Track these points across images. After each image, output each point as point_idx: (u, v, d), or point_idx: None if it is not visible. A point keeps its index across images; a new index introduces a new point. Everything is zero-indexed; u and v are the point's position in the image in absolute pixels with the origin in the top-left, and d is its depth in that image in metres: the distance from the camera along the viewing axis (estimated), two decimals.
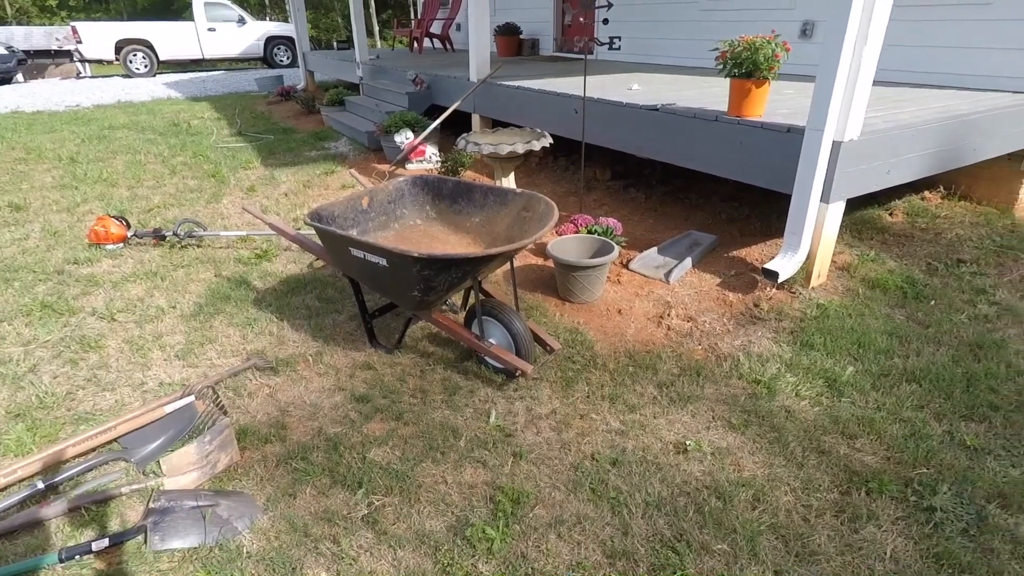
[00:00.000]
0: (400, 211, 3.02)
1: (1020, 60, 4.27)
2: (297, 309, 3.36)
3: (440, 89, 6.64)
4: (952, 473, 2.13)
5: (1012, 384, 2.57)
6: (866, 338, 2.87)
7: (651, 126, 3.96)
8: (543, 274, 3.63)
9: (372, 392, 2.65)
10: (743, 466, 2.21)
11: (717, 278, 3.52)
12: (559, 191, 5.16)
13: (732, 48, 3.29)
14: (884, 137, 3.20)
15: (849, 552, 1.87)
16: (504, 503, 2.04)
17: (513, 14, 9.17)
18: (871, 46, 2.82)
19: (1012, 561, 1.82)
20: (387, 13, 21.73)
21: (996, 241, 3.91)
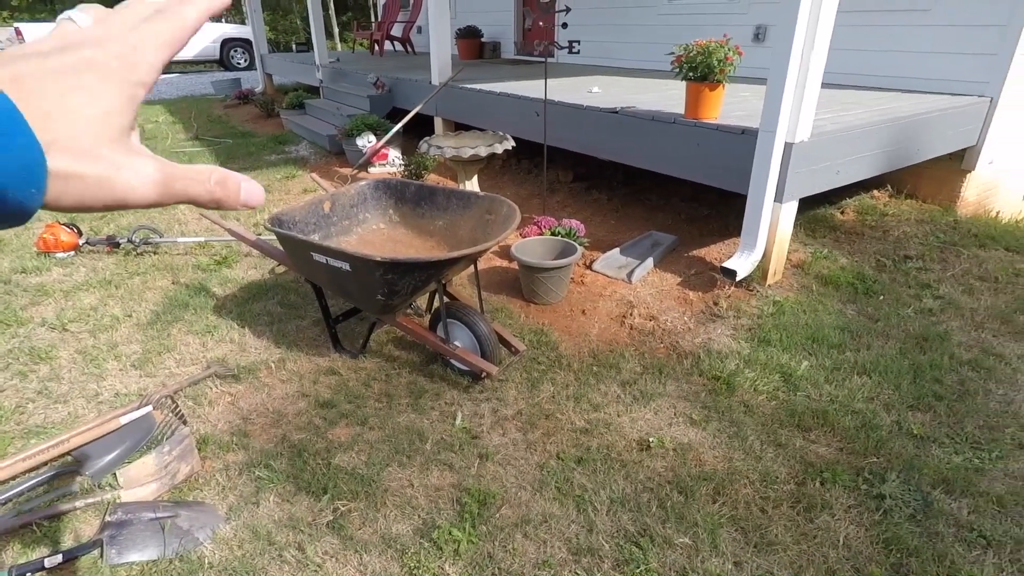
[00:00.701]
0: (363, 215, 3.00)
1: (958, 64, 4.49)
2: (259, 315, 3.30)
3: (402, 92, 6.60)
4: (900, 461, 2.23)
5: (955, 375, 2.70)
6: (820, 333, 2.98)
7: (611, 128, 4.02)
8: (508, 276, 3.66)
9: (337, 397, 2.62)
10: (704, 460, 2.27)
11: (678, 277, 3.60)
12: (522, 193, 5.19)
13: (687, 52, 3.37)
14: (833, 138, 3.33)
15: (805, 541, 1.94)
16: (470, 504, 2.05)
17: (474, 17, 9.18)
18: (818, 50, 2.93)
19: (956, 544, 1.92)
20: (347, 15, 21.48)
21: (940, 238, 4.10)
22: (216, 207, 0.36)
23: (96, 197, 0.31)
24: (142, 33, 0.33)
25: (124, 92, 0.31)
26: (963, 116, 4.26)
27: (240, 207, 0.36)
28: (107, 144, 0.31)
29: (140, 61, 0.32)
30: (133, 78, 0.32)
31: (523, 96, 4.79)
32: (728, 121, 3.48)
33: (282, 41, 21.59)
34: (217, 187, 0.35)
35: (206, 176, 0.35)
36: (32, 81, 0.29)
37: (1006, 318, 3.10)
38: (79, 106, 0.30)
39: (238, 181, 0.36)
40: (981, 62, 4.37)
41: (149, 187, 0.32)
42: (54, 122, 0.29)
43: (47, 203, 0.29)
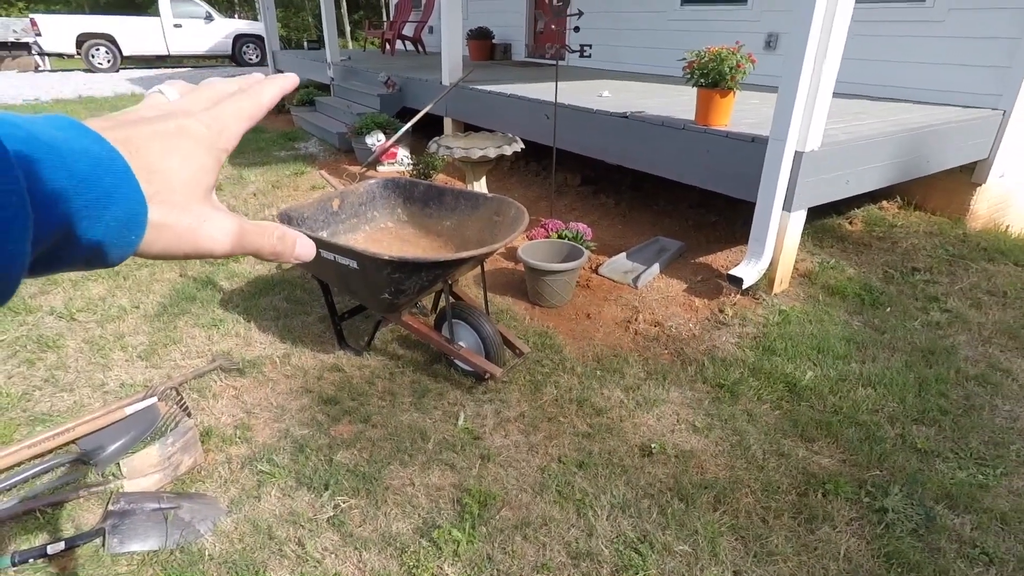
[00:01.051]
0: (371, 213, 3.01)
1: (970, 75, 4.47)
2: (265, 310, 3.32)
3: (412, 92, 6.62)
4: (903, 475, 2.22)
5: (960, 389, 2.69)
6: (825, 343, 2.97)
7: (620, 133, 4.02)
8: (514, 278, 3.66)
9: (340, 394, 2.63)
10: (706, 468, 2.26)
11: (684, 283, 3.59)
12: (530, 195, 5.20)
13: (699, 58, 3.37)
14: (844, 148, 3.32)
15: (805, 552, 1.94)
16: (471, 505, 2.05)
17: (486, 18, 9.20)
18: (831, 60, 2.92)
19: (958, 560, 1.90)
20: (359, 14, 21.56)
21: (948, 251, 4.07)
22: (275, 259, 0.41)
23: (181, 246, 0.34)
24: (227, 107, 0.38)
25: (212, 156, 0.36)
26: (975, 128, 4.23)
27: (294, 260, 0.42)
28: (196, 200, 0.35)
29: (225, 130, 0.37)
30: (220, 144, 0.37)
31: (533, 98, 4.80)
32: (738, 128, 3.48)
33: (294, 38, 21.69)
34: (279, 242, 0.40)
35: (271, 232, 0.40)
36: (139, 141, 0.33)
37: (1014, 333, 3.08)
38: (176, 165, 0.34)
39: (295, 238, 0.41)
40: (994, 74, 4.35)
41: (227, 239, 0.36)
42: (156, 176, 0.33)
43: (138, 250, 0.33)
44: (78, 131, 0.30)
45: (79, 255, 0.30)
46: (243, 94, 0.39)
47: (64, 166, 0.28)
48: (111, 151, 0.31)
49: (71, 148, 0.29)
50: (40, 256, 0.28)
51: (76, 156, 0.29)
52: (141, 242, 0.32)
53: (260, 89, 0.40)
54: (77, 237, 0.29)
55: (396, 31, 9.86)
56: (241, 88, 0.40)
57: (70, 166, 0.28)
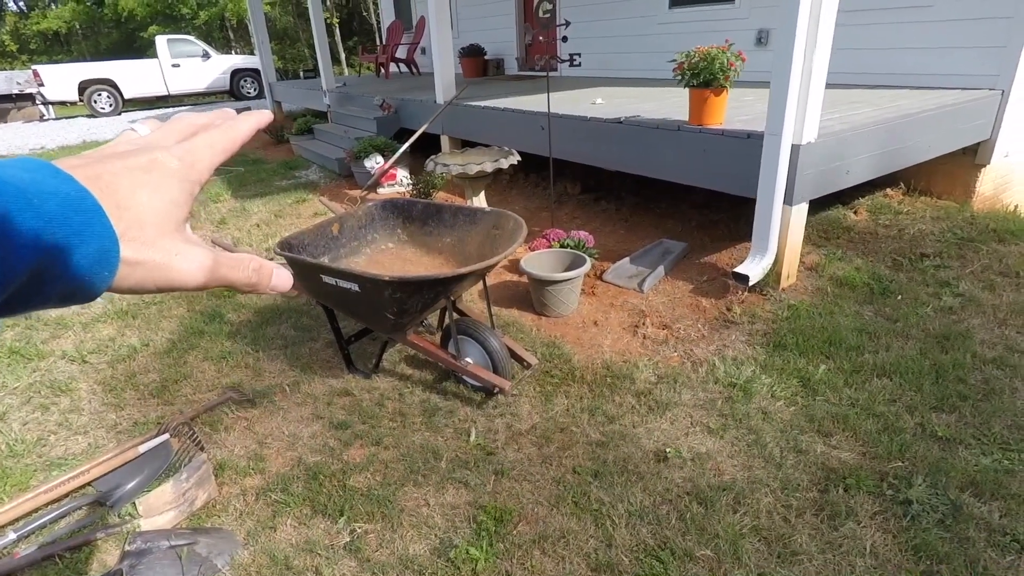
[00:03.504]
0: (371, 236, 3.03)
1: (966, 58, 4.44)
2: (272, 340, 3.33)
3: (408, 113, 6.68)
4: (926, 465, 2.17)
5: (979, 373, 2.64)
6: (837, 336, 2.93)
7: (616, 139, 4.03)
8: (518, 290, 3.65)
9: (351, 418, 2.62)
10: (723, 470, 2.23)
11: (690, 284, 3.57)
12: (531, 207, 5.21)
13: (689, 59, 3.37)
14: (841, 138, 3.30)
15: (830, 550, 1.89)
16: (487, 522, 2.03)
17: (477, 35, 9.30)
18: (820, 51, 2.92)
19: (988, 549, 1.85)
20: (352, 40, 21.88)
21: (957, 234, 4.02)
22: (251, 291, 0.41)
23: (153, 281, 0.34)
24: (200, 140, 0.38)
25: (184, 189, 0.36)
26: (975, 110, 4.20)
27: (270, 291, 0.42)
28: (168, 234, 0.35)
29: (197, 163, 0.37)
30: (192, 177, 0.37)
31: (527, 111, 4.83)
32: (733, 126, 3.47)
33: (290, 69, 22.05)
34: (254, 274, 0.40)
35: (246, 264, 0.39)
36: (109, 178, 0.33)
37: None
38: (146, 200, 0.34)
39: (271, 269, 0.41)
40: (990, 55, 4.32)
41: (199, 273, 0.36)
42: (126, 212, 0.33)
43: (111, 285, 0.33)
44: (47, 172, 0.30)
45: (52, 293, 0.30)
46: (216, 128, 0.40)
47: (32, 207, 0.28)
48: (80, 190, 0.31)
49: (40, 189, 0.29)
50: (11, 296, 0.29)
51: (45, 197, 0.29)
52: (114, 278, 0.32)
53: (233, 123, 0.41)
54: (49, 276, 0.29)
55: (389, 54, 9.99)
56: (213, 122, 0.40)
57: (38, 207, 0.28)
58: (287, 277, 0.42)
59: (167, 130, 0.39)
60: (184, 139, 0.38)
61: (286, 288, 0.43)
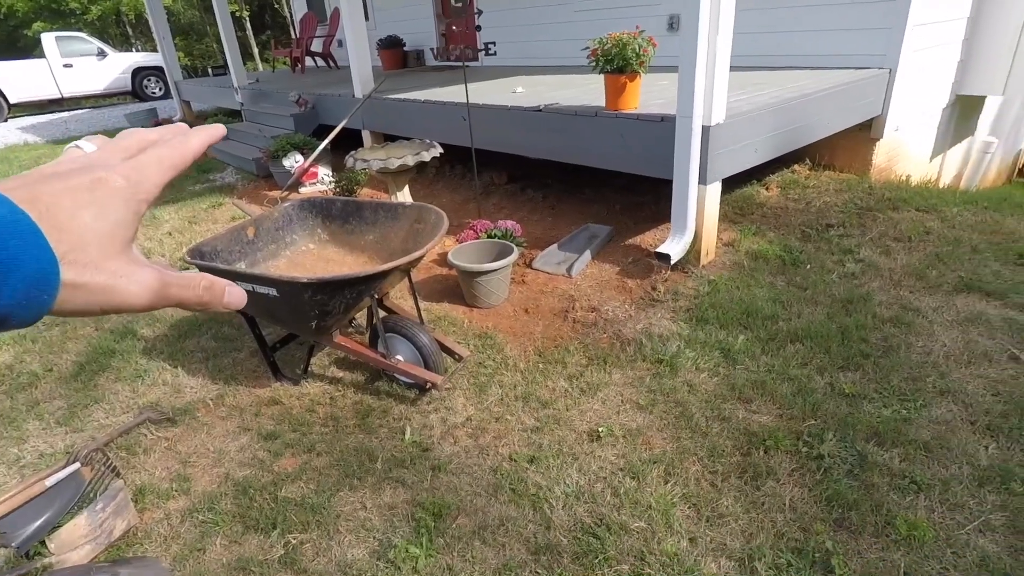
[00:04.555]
0: (290, 237, 2.92)
1: (859, 39, 4.73)
2: (192, 353, 3.17)
3: (326, 108, 6.47)
4: (835, 421, 2.33)
5: (878, 332, 2.85)
6: (753, 307, 3.08)
7: (537, 126, 4.06)
8: (448, 283, 3.63)
9: (280, 428, 2.54)
10: (653, 444, 2.31)
11: (616, 267, 3.66)
12: (457, 199, 5.18)
13: (602, 45, 3.43)
14: (748, 118, 3.46)
15: (754, 509, 2.00)
16: (426, 519, 2.02)
17: (395, 26, 9.10)
18: (723, 35, 3.03)
19: (890, 492, 2.01)
20: (266, 34, 20.93)
21: (857, 204, 4.31)
22: (202, 310, 0.40)
23: (98, 303, 0.34)
24: (147, 157, 0.37)
25: (130, 208, 0.35)
26: (866, 88, 4.49)
27: (223, 309, 0.41)
28: (112, 255, 0.34)
29: (144, 181, 0.36)
30: (139, 196, 0.35)
31: (448, 102, 4.78)
32: (649, 110, 3.56)
33: (199, 66, 20.86)
34: (205, 292, 0.39)
35: (196, 283, 0.39)
36: (48, 199, 0.32)
37: (920, 274, 3.29)
38: (89, 220, 0.33)
39: (223, 286, 0.40)
40: (878, 36, 4.62)
41: (145, 294, 0.35)
42: (66, 234, 0.32)
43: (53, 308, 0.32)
44: None
45: None
46: (165, 144, 0.38)
47: None
48: (15, 212, 0.30)
49: None
50: None
51: None
52: (55, 302, 0.32)
53: (184, 138, 0.39)
54: None
55: (304, 48, 9.62)
56: (163, 138, 0.39)
57: None
58: (241, 294, 0.41)
59: (113, 147, 0.38)
60: (132, 156, 0.37)
61: (240, 305, 0.42)
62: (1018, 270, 3.24)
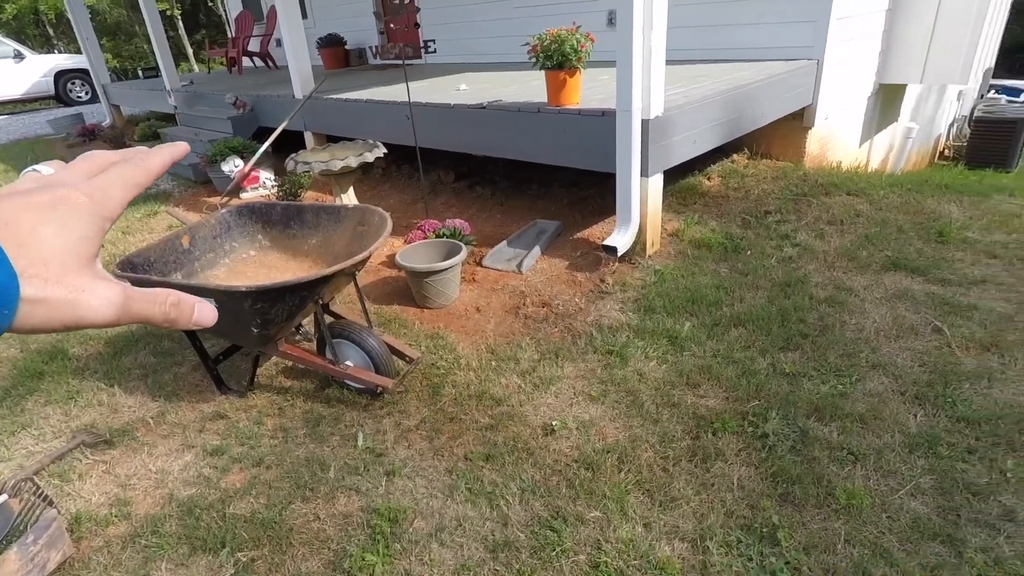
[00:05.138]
0: (229, 244, 2.82)
1: (788, 31, 4.90)
2: (130, 370, 3.02)
3: (266, 110, 6.28)
4: (777, 400, 2.42)
5: (815, 312, 2.97)
6: (698, 294, 3.17)
7: (481, 124, 4.05)
8: (398, 285, 3.59)
9: (227, 442, 2.45)
10: (607, 433, 2.34)
11: (565, 261, 3.69)
12: (405, 199, 5.12)
13: (541, 42, 3.45)
14: (685, 111, 3.54)
15: (704, 490, 2.06)
16: (381, 525, 1.99)
17: (336, 24, 8.90)
18: (657, 30, 3.10)
19: (830, 464, 2.11)
20: (200, 33, 20.12)
21: (793, 191, 4.48)
22: (169, 327, 0.39)
23: (59, 319, 0.33)
24: (110, 175, 0.37)
25: (93, 225, 0.35)
26: (797, 78, 4.67)
27: (193, 326, 0.40)
28: (74, 270, 0.34)
29: (107, 198, 0.36)
30: (104, 212, 0.35)
31: (391, 101, 4.71)
32: (590, 105, 3.60)
33: (129, 68, 19.88)
34: (172, 309, 0.38)
35: (162, 299, 0.38)
36: (8, 215, 0.32)
37: (852, 255, 3.46)
38: (50, 236, 0.33)
39: (192, 303, 0.40)
40: (806, 29, 4.81)
41: (109, 310, 0.35)
42: (27, 249, 0.32)
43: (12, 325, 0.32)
44: None
45: None
46: (127, 162, 0.39)
47: None
48: None
49: None
50: None
51: None
52: (14, 317, 0.31)
53: (146, 156, 0.40)
54: None
55: (241, 48, 9.29)
56: (125, 157, 0.39)
57: None
58: (212, 311, 0.41)
59: (75, 168, 0.38)
60: (94, 175, 0.37)
61: (211, 322, 0.41)
62: (938, 247, 3.45)
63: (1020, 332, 2.66)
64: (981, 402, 2.30)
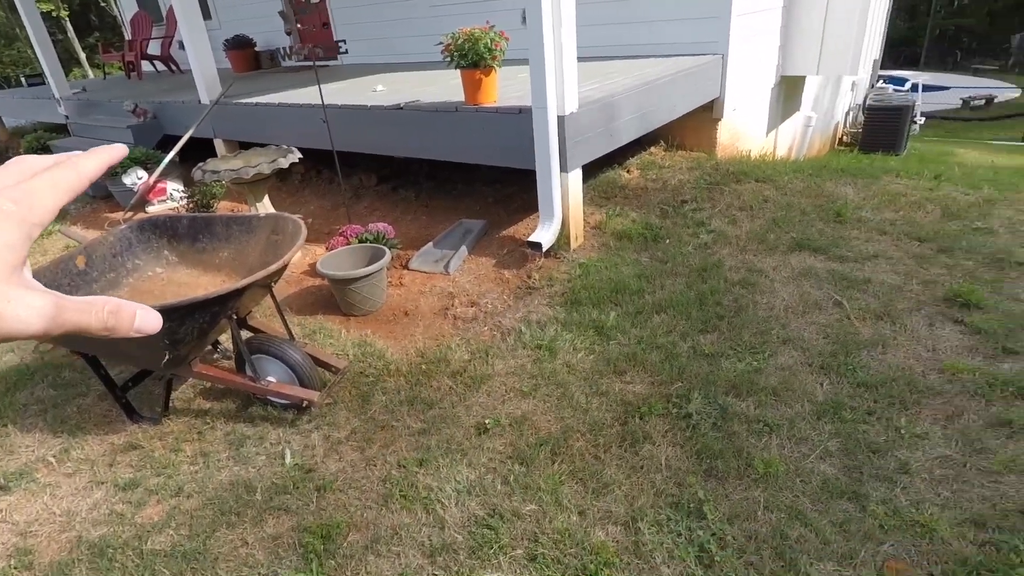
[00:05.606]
0: (132, 263, 2.64)
1: (696, 28, 5.10)
2: (26, 406, 2.78)
3: (170, 117, 5.92)
4: (699, 380, 2.52)
5: (730, 295, 3.13)
6: (621, 284, 3.26)
7: (400, 125, 3.99)
8: (322, 294, 3.48)
9: (141, 474, 2.30)
10: (539, 427, 2.37)
11: (493, 259, 3.70)
12: (326, 205, 4.97)
13: (454, 41, 3.44)
14: (600, 106, 3.63)
15: (635, 473, 2.13)
16: (314, 543, 1.93)
17: (243, 25, 8.50)
18: (567, 27, 3.16)
19: (748, 437, 2.22)
20: (93, 36, 18.70)
21: (707, 180, 4.68)
22: (109, 335, 0.37)
23: None
24: (40, 180, 0.35)
25: (21, 231, 0.33)
26: (705, 72, 4.88)
27: (135, 334, 0.38)
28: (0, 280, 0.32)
29: (37, 204, 0.34)
30: (32, 219, 0.34)
31: (305, 104, 4.55)
32: (508, 103, 3.62)
33: (12, 75, 18.23)
34: (111, 316, 0.36)
35: (99, 307, 0.36)
36: None
37: (761, 238, 3.66)
38: None
39: (133, 310, 0.37)
40: (711, 25, 5.02)
41: (37, 320, 0.33)
42: None
43: None
44: None
45: None
46: (60, 166, 0.37)
47: None
48: None
49: None
50: None
51: None
52: None
53: (79, 159, 0.38)
54: None
55: (139, 51, 8.72)
56: (58, 161, 0.37)
57: None
58: (156, 317, 0.38)
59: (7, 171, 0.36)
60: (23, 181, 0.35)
61: (155, 329, 0.38)
62: (837, 227, 3.71)
63: (908, 301, 2.91)
64: (877, 367, 2.50)
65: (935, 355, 2.55)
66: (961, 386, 2.35)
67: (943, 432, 2.16)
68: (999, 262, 3.15)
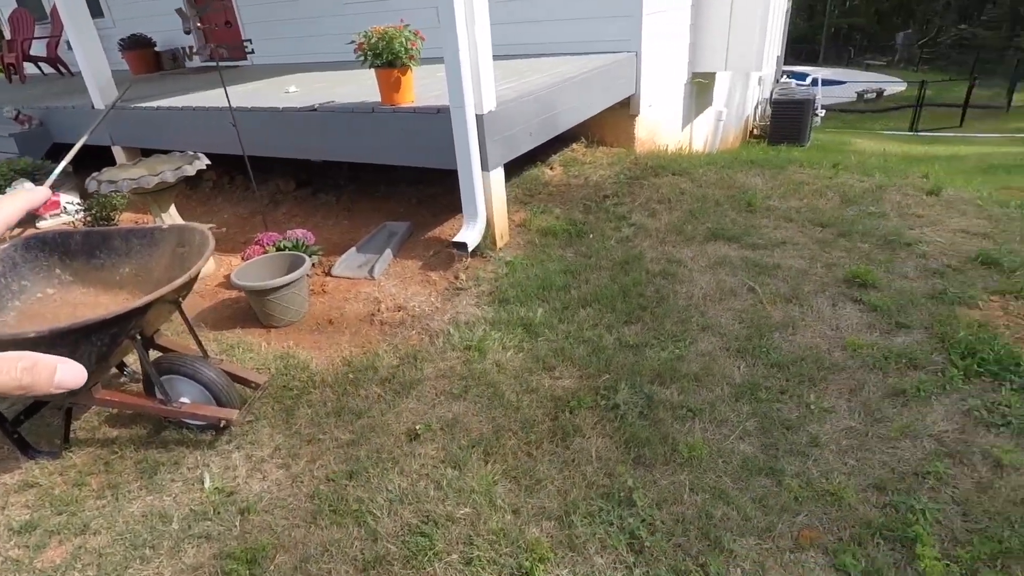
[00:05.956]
0: (17, 285, 2.41)
1: (609, 26, 5.22)
2: None
3: (60, 123, 5.47)
4: (625, 371, 2.59)
5: (651, 286, 3.23)
6: (547, 280, 3.29)
7: (314, 127, 3.86)
8: (240, 307, 3.32)
9: (40, 514, 2.11)
10: (471, 428, 2.36)
11: (419, 261, 3.65)
12: (242, 213, 4.74)
13: (368, 39, 3.36)
14: (518, 104, 3.65)
15: (566, 467, 2.15)
16: (238, 569, 1.84)
17: (141, 23, 7.96)
18: (480, 24, 3.15)
19: (673, 423, 2.30)
20: None
21: (627, 175, 4.81)
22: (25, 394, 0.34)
23: None
24: None
25: None
26: (620, 70, 5.02)
27: (55, 390, 0.34)
28: None
29: None
30: None
31: (212, 107, 4.32)
32: (427, 102, 3.58)
33: None
34: (25, 374, 0.33)
35: (12, 363, 0.33)
36: None
37: (679, 229, 3.80)
38: None
39: (53, 364, 0.34)
40: (624, 23, 5.16)
41: None
42: None
43: None
44: None
45: None
46: None
47: None
48: None
49: None
50: None
51: None
52: None
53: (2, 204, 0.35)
54: None
55: (21, 52, 7.99)
56: None
57: None
58: (79, 371, 0.36)
59: None
60: None
61: (79, 383, 0.36)
62: (748, 216, 3.91)
63: (813, 283, 3.11)
64: (788, 348, 2.65)
65: (839, 333, 2.73)
66: (861, 361, 2.53)
67: (847, 405, 2.32)
68: (891, 244, 3.42)
